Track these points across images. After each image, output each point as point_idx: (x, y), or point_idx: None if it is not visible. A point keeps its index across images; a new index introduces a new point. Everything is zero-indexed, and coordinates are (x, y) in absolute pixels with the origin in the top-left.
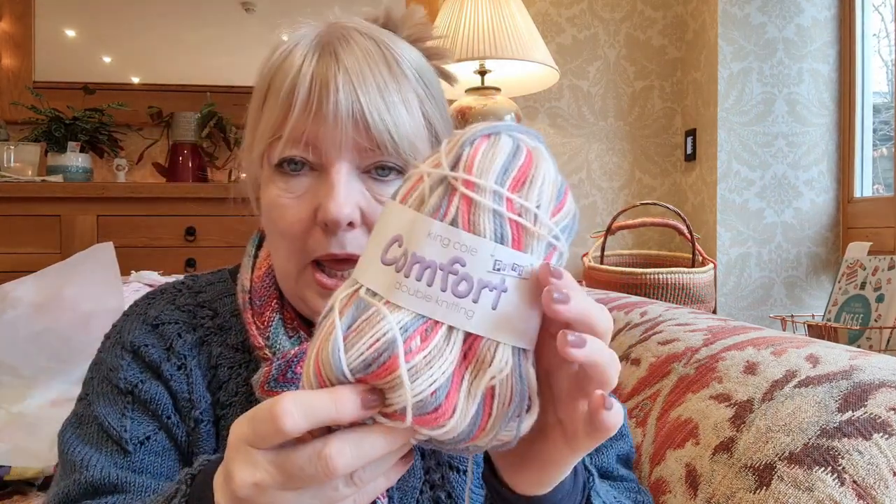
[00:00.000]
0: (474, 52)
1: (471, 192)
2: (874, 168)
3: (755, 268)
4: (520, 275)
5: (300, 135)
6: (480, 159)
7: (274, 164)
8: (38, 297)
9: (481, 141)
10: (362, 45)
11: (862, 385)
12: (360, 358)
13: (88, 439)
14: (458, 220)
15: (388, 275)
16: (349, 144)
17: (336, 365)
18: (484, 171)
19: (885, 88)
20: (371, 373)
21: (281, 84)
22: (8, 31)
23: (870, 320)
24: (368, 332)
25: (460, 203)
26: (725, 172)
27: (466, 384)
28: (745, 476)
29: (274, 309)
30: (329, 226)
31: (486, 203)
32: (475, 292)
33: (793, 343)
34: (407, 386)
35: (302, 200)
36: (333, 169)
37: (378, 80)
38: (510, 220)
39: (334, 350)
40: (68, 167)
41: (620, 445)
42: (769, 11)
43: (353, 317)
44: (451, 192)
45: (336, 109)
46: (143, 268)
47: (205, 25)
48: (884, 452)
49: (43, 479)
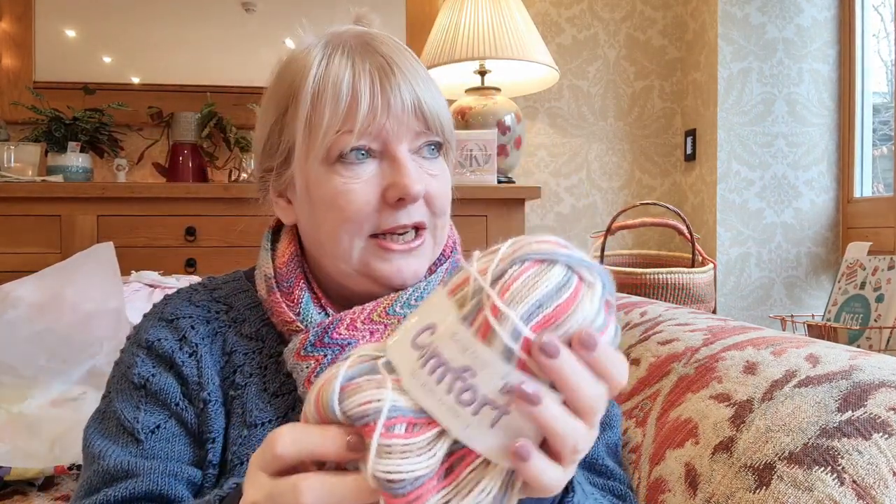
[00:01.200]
0: (474, 52)
1: (494, 318)
2: (874, 168)
3: (755, 268)
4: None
5: (368, 126)
6: (519, 287)
7: (335, 157)
8: (38, 297)
9: (531, 265)
10: (392, 44)
11: (862, 385)
12: (350, 410)
13: (107, 433)
14: (478, 333)
15: (411, 358)
16: (409, 130)
17: (330, 406)
18: (516, 301)
19: (884, 88)
20: (356, 427)
21: (337, 84)
22: (8, 31)
23: (870, 320)
24: (365, 392)
25: (483, 322)
26: (725, 172)
27: (443, 494)
28: (745, 476)
29: (302, 288)
30: (406, 200)
31: (503, 336)
32: (477, 405)
33: (792, 343)
34: (372, 455)
35: (369, 184)
36: (398, 151)
37: (421, 73)
38: (520, 360)
39: (332, 392)
40: (68, 167)
41: (608, 435)
42: (769, 12)
43: (361, 373)
44: (481, 308)
45: (402, 101)
46: (143, 268)
47: (205, 25)
48: (883, 452)
49: (43, 480)
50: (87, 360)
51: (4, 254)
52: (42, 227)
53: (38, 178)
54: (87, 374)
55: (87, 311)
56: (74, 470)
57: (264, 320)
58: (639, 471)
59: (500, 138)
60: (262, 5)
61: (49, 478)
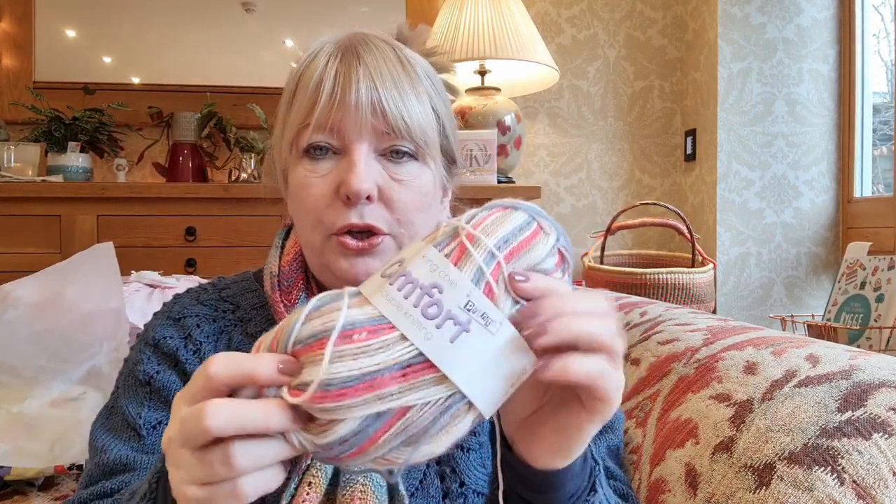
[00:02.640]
0: (474, 52)
1: (469, 242)
2: (874, 168)
3: (755, 268)
4: (486, 325)
5: (325, 122)
6: (490, 223)
7: (302, 150)
8: (38, 297)
9: (498, 210)
10: (380, 47)
11: (862, 385)
12: (307, 332)
13: (112, 428)
14: (451, 256)
15: (378, 283)
16: (368, 128)
17: (288, 333)
18: (486, 233)
19: (884, 88)
20: (305, 346)
21: (308, 80)
22: (8, 31)
23: (870, 320)
24: (324, 316)
25: (457, 246)
26: (725, 172)
27: (386, 392)
28: (745, 476)
29: (300, 289)
30: (350, 198)
31: (476, 257)
32: (441, 319)
33: (792, 343)
34: (325, 362)
35: (325, 179)
36: (354, 149)
37: (394, 75)
38: (487, 282)
39: (295, 322)
40: (68, 167)
41: (610, 437)
42: (769, 11)
43: (324, 303)
44: (456, 236)
45: (357, 98)
46: (143, 268)
47: (205, 25)
48: (883, 452)
49: (43, 480)
50: (86, 360)
51: (4, 254)
52: (42, 227)
53: (38, 178)
54: (86, 374)
55: (87, 311)
56: (74, 470)
57: (270, 320)
58: (639, 471)
59: (500, 138)
60: (262, 5)
61: (49, 478)
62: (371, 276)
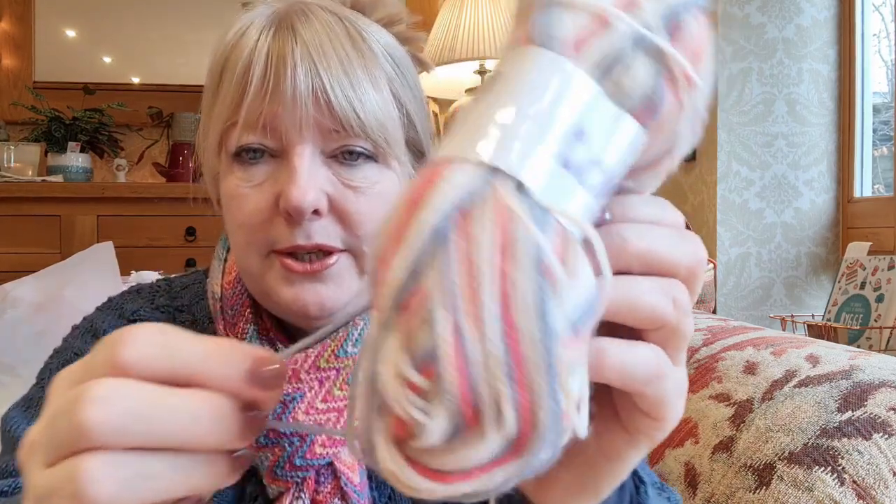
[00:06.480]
0: (474, 52)
1: (689, 95)
2: (874, 168)
3: (755, 268)
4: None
5: (257, 118)
6: (706, 46)
7: (231, 154)
8: (38, 297)
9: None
10: (323, 19)
11: (862, 385)
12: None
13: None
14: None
15: (572, 189)
16: (311, 125)
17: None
18: (703, 71)
19: (885, 88)
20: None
21: (236, 63)
22: (8, 32)
23: (870, 320)
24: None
25: (674, 102)
26: (725, 172)
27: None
28: (745, 475)
29: (248, 320)
30: (293, 214)
31: (693, 119)
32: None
33: (792, 343)
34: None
35: (261, 189)
36: (294, 152)
37: (341, 55)
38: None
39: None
40: (68, 167)
41: None
42: (769, 12)
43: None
44: (666, 77)
45: (294, 86)
46: (143, 268)
47: (205, 25)
48: (884, 452)
49: None
50: None
51: (4, 254)
52: (42, 228)
53: (37, 179)
54: None
55: (87, 311)
56: None
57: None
58: None
59: None
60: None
61: None
62: (509, 128)
